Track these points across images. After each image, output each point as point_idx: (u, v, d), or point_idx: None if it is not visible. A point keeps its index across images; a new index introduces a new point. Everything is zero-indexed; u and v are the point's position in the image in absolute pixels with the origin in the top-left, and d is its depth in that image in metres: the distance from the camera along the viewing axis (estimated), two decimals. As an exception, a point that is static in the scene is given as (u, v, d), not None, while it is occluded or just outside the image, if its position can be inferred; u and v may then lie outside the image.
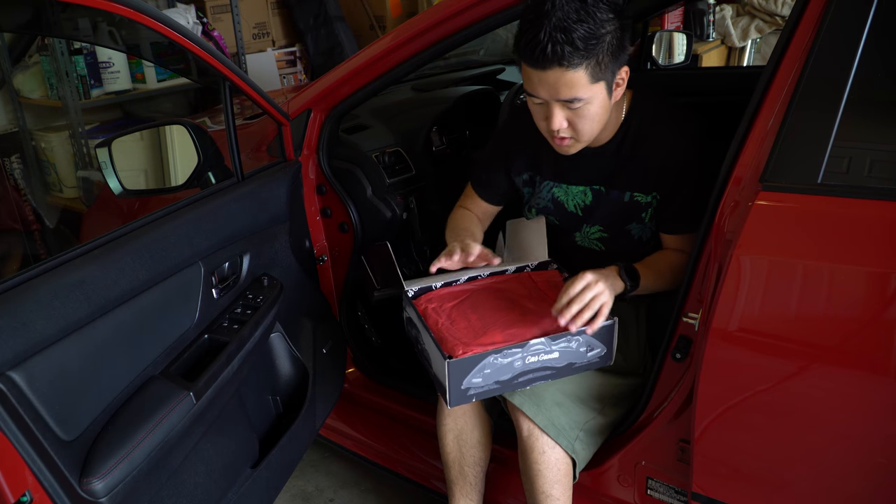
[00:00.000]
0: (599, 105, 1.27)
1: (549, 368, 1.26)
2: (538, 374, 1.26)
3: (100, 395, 1.08)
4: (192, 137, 1.53)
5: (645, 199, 1.40)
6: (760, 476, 1.17)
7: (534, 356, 1.23)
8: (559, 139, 1.33)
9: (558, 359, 1.25)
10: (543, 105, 1.29)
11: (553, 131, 1.30)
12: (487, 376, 1.23)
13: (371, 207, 1.82)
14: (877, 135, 1.08)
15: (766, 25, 3.90)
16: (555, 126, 1.28)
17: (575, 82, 1.21)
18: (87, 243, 1.13)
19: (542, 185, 1.51)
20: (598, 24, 1.18)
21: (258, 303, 1.42)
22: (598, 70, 1.22)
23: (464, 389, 1.23)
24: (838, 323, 1.02)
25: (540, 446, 1.33)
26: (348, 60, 1.70)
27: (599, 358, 1.28)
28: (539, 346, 1.23)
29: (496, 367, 1.23)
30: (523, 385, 1.28)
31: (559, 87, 1.22)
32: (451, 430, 1.51)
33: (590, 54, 1.19)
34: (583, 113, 1.26)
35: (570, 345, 1.24)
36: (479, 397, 1.26)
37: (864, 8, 0.99)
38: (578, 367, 1.28)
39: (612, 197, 1.43)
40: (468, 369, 1.22)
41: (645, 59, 2.25)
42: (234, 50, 3.55)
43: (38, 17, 1.36)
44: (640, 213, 1.42)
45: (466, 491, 1.53)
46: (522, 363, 1.23)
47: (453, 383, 1.22)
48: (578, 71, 1.20)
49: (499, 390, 1.27)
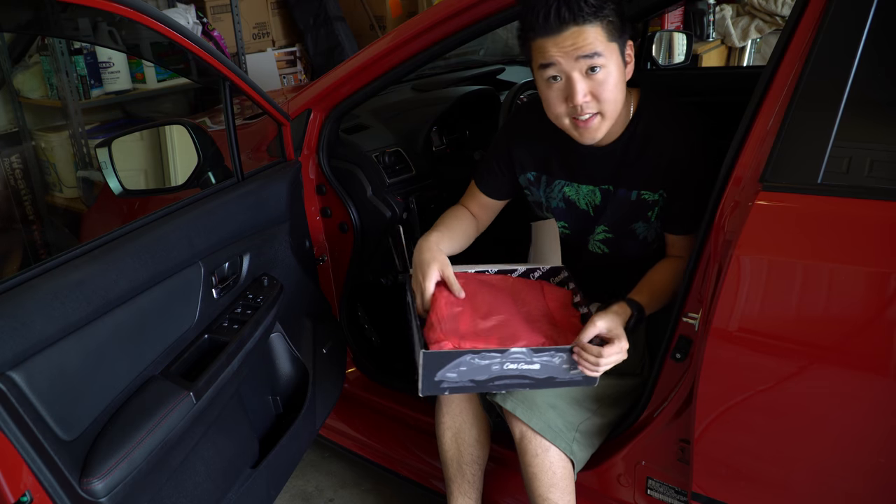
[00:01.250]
0: (618, 75, 1.27)
1: (529, 378, 1.25)
2: (516, 381, 1.25)
3: (100, 395, 1.08)
4: (192, 137, 1.54)
5: (652, 196, 1.40)
6: (760, 476, 1.17)
7: (513, 363, 1.23)
8: (583, 121, 1.29)
9: (539, 371, 1.24)
10: (562, 83, 1.27)
11: (578, 106, 1.26)
12: (463, 373, 1.23)
13: (371, 207, 1.82)
14: (877, 135, 1.08)
15: (766, 25, 3.90)
16: (578, 99, 1.25)
17: (593, 38, 1.22)
18: (87, 243, 1.13)
19: (554, 184, 1.50)
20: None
21: (258, 303, 1.42)
22: (612, 28, 1.23)
23: (437, 381, 1.24)
24: (838, 323, 1.02)
25: (533, 449, 1.33)
26: (348, 60, 1.70)
27: (583, 377, 1.25)
28: (519, 356, 1.22)
29: (473, 367, 1.23)
30: (500, 388, 1.27)
31: (579, 44, 1.22)
32: (449, 428, 1.51)
33: (601, 10, 1.21)
34: (605, 81, 1.25)
35: (552, 360, 1.23)
36: (453, 392, 1.26)
37: (864, 8, 0.99)
38: (560, 382, 1.26)
39: (620, 195, 1.42)
40: (443, 363, 1.22)
41: (645, 59, 2.25)
42: (234, 50, 3.55)
43: (38, 17, 1.36)
44: (646, 211, 1.41)
45: (465, 489, 1.54)
46: (500, 368, 1.23)
47: (426, 373, 1.23)
48: (595, 26, 1.21)
49: (474, 389, 1.26)
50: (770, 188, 1.03)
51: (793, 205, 1.03)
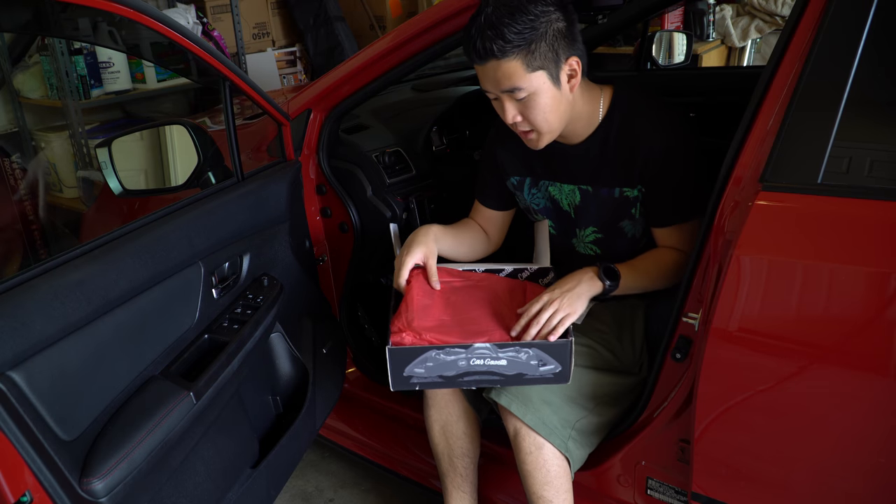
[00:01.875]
0: (549, 96, 1.29)
1: (498, 374, 1.26)
2: (486, 378, 1.26)
3: (100, 395, 1.08)
4: (192, 137, 1.54)
5: (632, 193, 1.41)
6: (760, 476, 1.17)
7: (479, 359, 1.24)
8: (521, 133, 1.37)
9: (506, 367, 1.25)
10: (498, 100, 1.33)
11: (510, 125, 1.34)
12: (430, 369, 1.25)
13: (371, 207, 1.82)
14: (877, 135, 1.08)
15: (766, 25, 3.89)
16: (508, 119, 1.32)
17: (511, 72, 1.25)
18: (87, 243, 1.13)
19: (540, 184, 1.52)
20: (530, 17, 1.22)
21: (258, 303, 1.43)
22: (532, 59, 1.24)
23: (406, 377, 1.26)
24: (838, 323, 1.02)
25: (527, 447, 1.34)
26: (348, 60, 1.70)
27: (554, 375, 1.25)
28: (484, 351, 1.23)
29: (439, 363, 1.24)
30: (471, 385, 1.29)
31: (498, 78, 1.27)
32: (437, 422, 1.53)
33: (520, 44, 1.22)
34: (532, 104, 1.29)
35: (518, 355, 1.24)
36: (423, 387, 1.28)
37: (864, 8, 0.99)
38: (530, 379, 1.26)
39: (602, 194, 1.44)
40: (408, 360, 1.24)
41: (645, 59, 2.25)
42: (234, 50, 3.55)
43: (38, 17, 1.36)
44: (629, 208, 1.43)
45: (458, 483, 1.55)
46: (467, 363, 1.24)
47: (394, 369, 1.25)
48: (511, 61, 1.24)
49: (444, 384, 1.28)
50: (770, 188, 1.03)
51: (793, 205, 1.03)
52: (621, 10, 1.93)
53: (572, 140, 1.41)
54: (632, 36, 3.61)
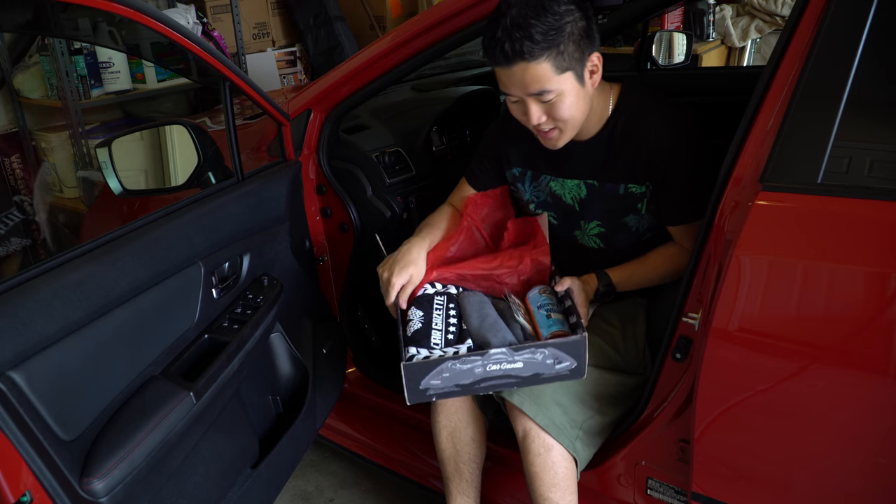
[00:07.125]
0: (574, 95, 1.29)
1: (514, 377, 1.25)
2: (502, 382, 1.26)
3: (100, 395, 1.08)
4: (192, 137, 1.54)
5: (639, 189, 1.41)
6: (760, 476, 1.17)
7: (495, 364, 1.23)
8: (544, 133, 1.35)
9: (523, 369, 1.25)
10: (520, 103, 1.32)
11: (534, 126, 1.33)
12: (447, 379, 1.24)
13: (371, 207, 1.82)
14: (877, 135, 1.08)
15: (766, 25, 3.89)
16: (533, 121, 1.31)
17: (540, 75, 1.24)
18: (87, 243, 1.13)
19: (540, 179, 1.52)
20: (555, 16, 1.21)
21: (258, 303, 1.43)
22: (561, 60, 1.24)
23: (422, 389, 1.25)
24: (838, 323, 1.02)
25: (536, 448, 1.33)
26: (348, 60, 1.70)
27: (570, 371, 1.25)
28: (500, 356, 1.23)
29: (455, 372, 1.23)
30: (487, 390, 1.28)
31: (526, 82, 1.25)
32: (445, 428, 1.51)
33: (550, 45, 1.21)
34: (558, 104, 1.28)
35: (534, 356, 1.24)
36: (440, 397, 1.27)
37: (864, 8, 0.99)
38: (547, 378, 1.27)
39: (608, 190, 1.44)
40: (424, 372, 1.23)
41: (645, 59, 2.25)
42: (234, 50, 3.55)
43: (38, 17, 1.36)
44: (636, 203, 1.43)
45: (463, 488, 1.54)
46: (483, 370, 1.24)
47: (409, 383, 1.25)
48: (541, 63, 1.23)
49: (460, 392, 1.27)
50: (770, 188, 1.03)
51: (793, 205, 1.03)
52: (621, 10, 1.93)
53: (581, 136, 1.41)
54: (632, 36, 3.61)
